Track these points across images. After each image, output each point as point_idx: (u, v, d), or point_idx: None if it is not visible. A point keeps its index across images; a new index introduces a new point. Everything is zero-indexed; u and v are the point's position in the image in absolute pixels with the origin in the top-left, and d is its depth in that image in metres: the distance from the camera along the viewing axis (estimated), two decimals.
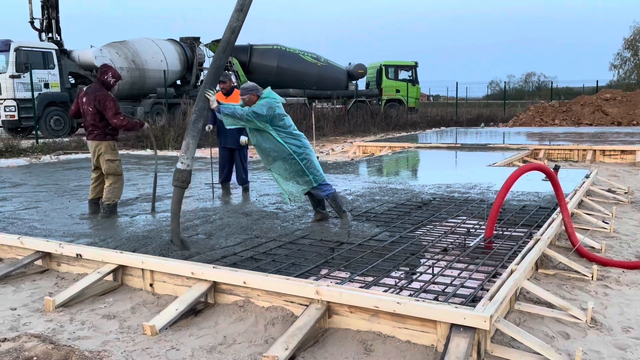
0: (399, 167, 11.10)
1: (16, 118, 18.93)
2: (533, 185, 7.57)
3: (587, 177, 8.27)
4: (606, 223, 6.09)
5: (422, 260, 4.42)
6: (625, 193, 8.12)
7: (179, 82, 24.95)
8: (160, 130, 17.20)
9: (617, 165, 11.87)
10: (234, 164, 7.54)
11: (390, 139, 18.07)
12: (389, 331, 3.33)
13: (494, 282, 3.64)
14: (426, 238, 5.07)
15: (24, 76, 18.82)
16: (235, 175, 7.59)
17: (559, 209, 5.29)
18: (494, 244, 4.79)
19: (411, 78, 30.25)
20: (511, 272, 3.78)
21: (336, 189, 5.84)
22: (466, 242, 4.88)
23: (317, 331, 3.44)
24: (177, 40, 24.66)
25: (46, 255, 4.85)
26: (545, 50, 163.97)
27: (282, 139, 5.27)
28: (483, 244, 4.80)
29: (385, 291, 3.63)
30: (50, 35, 21.16)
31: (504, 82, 58.79)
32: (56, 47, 20.33)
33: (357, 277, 3.99)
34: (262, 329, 3.53)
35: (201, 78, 24.89)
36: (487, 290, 3.48)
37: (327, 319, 3.52)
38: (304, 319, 3.36)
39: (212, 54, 24.16)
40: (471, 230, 5.37)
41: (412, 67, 30.11)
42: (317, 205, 5.81)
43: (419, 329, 3.24)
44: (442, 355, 2.93)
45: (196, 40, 24.97)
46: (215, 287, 3.96)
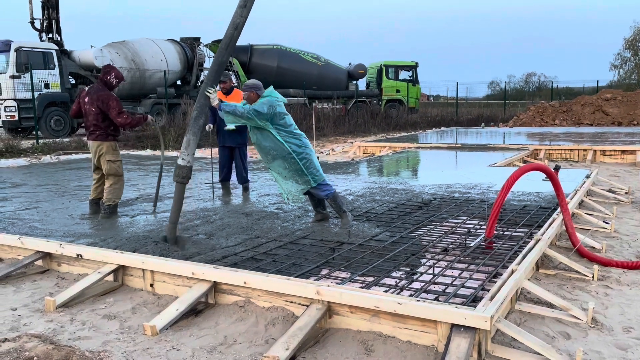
0: (399, 167, 11.10)
1: (16, 118, 18.94)
2: (534, 185, 7.56)
3: (587, 177, 8.27)
4: (607, 223, 6.09)
5: (423, 261, 4.42)
6: (626, 193, 8.11)
7: (179, 82, 24.94)
8: (161, 131, 17.17)
9: (617, 166, 11.86)
10: (233, 162, 7.55)
11: (390, 139, 18.06)
12: (389, 331, 3.33)
13: (495, 282, 3.64)
14: (427, 238, 5.07)
15: (24, 76, 18.83)
16: (235, 174, 7.60)
17: (559, 209, 5.28)
18: (494, 244, 4.78)
19: (411, 78, 30.24)
20: (512, 272, 3.78)
21: (336, 189, 5.84)
22: (467, 242, 4.87)
23: (318, 331, 3.44)
24: (177, 40, 24.65)
25: (47, 256, 4.84)
26: (546, 50, 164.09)
27: (282, 137, 5.27)
28: (484, 244, 4.80)
29: (386, 291, 3.63)
30: (50, 35, 21.17)
31: (504, 82, 58.73)
32: (56, 48, 20.34)
33: (357, 277, 3.99)
34: (263, 329, 3.53)
35: (201, 78, 24.88)
36: (488, 291, 3.48)
37: (327, 319, 3.52)
38: (304, 319, 3.36)
39: (213, 54, 24.19)
40: (472, 230, 5.37)
41: (413, 67, 30.11)
42: (318, 206, 5.81)
43: (419, 329, 3.24)
44: (442, 356, 2.93)
45: (196, 40, 24.97)
46: (215, 287, 3.95)
